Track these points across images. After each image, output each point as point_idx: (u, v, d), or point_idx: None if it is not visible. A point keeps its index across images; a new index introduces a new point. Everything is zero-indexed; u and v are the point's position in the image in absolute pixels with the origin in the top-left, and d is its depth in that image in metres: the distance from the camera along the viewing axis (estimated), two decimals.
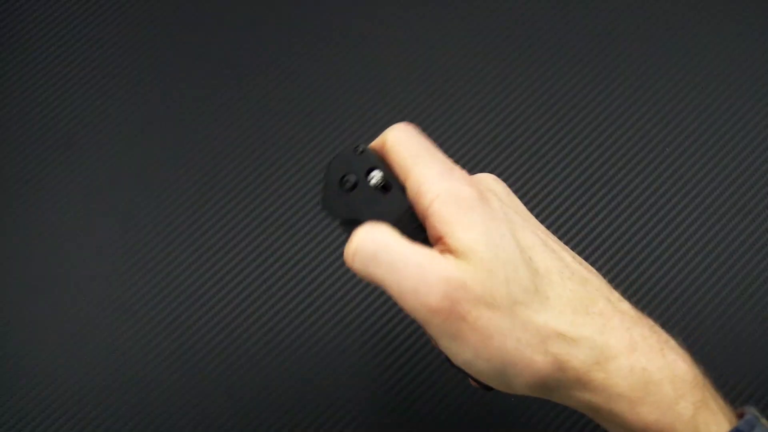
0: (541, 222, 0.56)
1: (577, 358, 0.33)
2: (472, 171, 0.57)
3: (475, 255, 0.32)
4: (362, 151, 0.37)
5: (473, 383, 0.39)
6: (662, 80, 0.60)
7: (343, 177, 0.37)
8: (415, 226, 0.35)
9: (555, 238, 0.37)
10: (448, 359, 0.37)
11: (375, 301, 0.54)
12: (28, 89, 0.60)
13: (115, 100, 0.59)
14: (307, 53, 0.61)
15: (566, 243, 0.55)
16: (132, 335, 0.53)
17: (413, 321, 0.53)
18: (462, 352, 0.33)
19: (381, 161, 0.37)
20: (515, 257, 0.33)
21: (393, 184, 0.36)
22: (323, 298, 0.54)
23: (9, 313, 0.54)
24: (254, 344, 0.53)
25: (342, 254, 0.55)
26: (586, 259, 0.55)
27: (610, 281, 0.55)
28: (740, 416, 0.36)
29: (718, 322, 0.53)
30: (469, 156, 0.58)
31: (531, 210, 0.56)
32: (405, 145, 0.36)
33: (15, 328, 0.53)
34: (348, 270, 0.55)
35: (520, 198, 0.57)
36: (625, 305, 0.36)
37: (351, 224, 0.37)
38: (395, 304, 0.54)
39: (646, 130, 0.58)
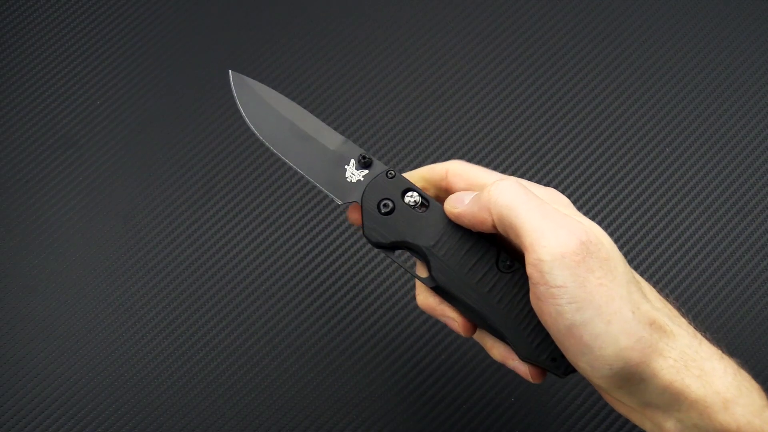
0: None
1: (676, 350, 0.35)
2: None
3: (604, 232, 0.36)
4: (393, 176, 0.40)
5: (521, 372, 0.39)
6: (662, 80, 0.60)
7: (380, 203, 0.39)
8: (461, 234, 0.38)
9: None
10: (518, 352, 0.37)
11: (375, 301, 0.54)
12: (28, 89, 0.60)
13: (115, 100, 0.59)
14: (308, 53, 0.61)
15: None
16: (132, 335, 0.53)
17: (413, 321, 0.53)
18: (585, 307, 0.34)
19: (410, 182, 0.40)
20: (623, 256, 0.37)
21: (430, 201, 0.39)
22: (323, 298, 0.54)
23: (9, 313, 0.54)
24: (254, 344, 0.53)
25: (341, 254, 0.55)
26: None
27: None
28: None
29: (718, 322, 0.53)
30: (469, 156, 0.58)
31: None
32: (481, 169, 0.40)
33: (15, 328, 0.53)
34: (348, 270, 0.55)
35: None
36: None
37: (396, 247, 0.39)
38: (396, 304, 0.54)
39: (646, 130, 0.58)
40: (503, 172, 0.57)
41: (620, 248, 0.55)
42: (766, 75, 0.60)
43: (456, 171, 0.40)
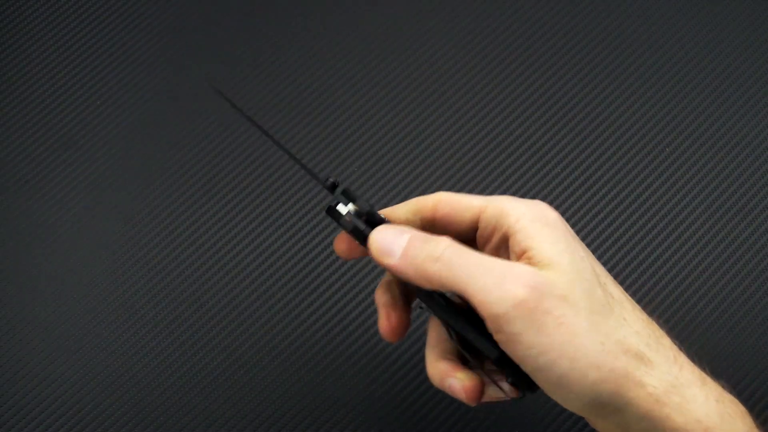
0: None
1: (654, 377, 0.34)
2: (472, 171, 0.57)
3: (560, 266, 0.34)
4: (335, 185, 0.38)
5: (508, 393, 0.39)
6: (662, 80, 0.60)
7: (356, 232, 0.38)
8: None
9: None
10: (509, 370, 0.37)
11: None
12: (28, 89, 0.60)
13: (115, 100, 0.59)
14: (307, 54, 0.61)
15: None
16: (132, 335, 0.53)
17: (414, 322, 0.53)
18: (546, 351, 0.33)
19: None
20: (593, 278, 0.35)
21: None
22: (323, 298, 0.54)
23: (9, 313, 0.54)
24: (254, 344, 0.53)
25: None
26: None
27: None
28: None
29: (718, 322, 0.53)
30: (469, 156, 0.58)
31: None
32: (470, 196, 0.39)
33: (15, 328, 0.53)
34: (347, 270, 0.55)
35: (521, 197, 0.57)
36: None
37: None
38: None
39: (646, 130, 0.58)
40: (503, 172, 0.57)
41: (620, 248, 0.55)
42: (766, 75, 0.60)
43: (446, 200, 0.39)
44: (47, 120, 0.59)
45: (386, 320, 0.40)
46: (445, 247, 0.35)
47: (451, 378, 0.38)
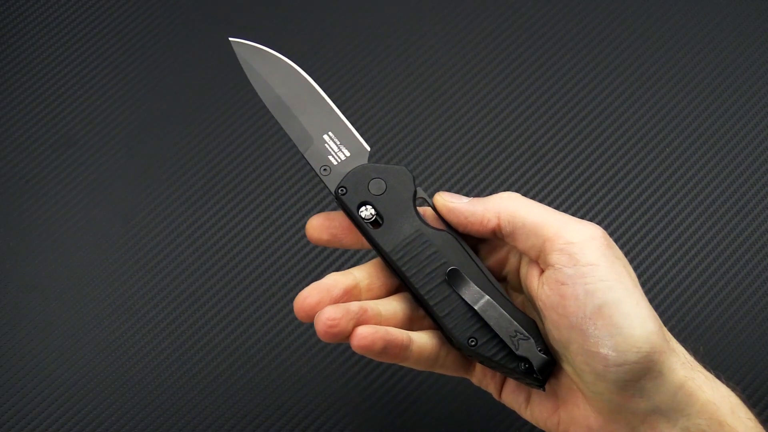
0: None
1: (677, 362, 0.34)
2: (472, 171, 0.57)
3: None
4: (345, 193, 0.40)
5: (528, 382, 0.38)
6: (662, 80, 0.60)
7: (360, 206, 0.39)
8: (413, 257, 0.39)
9: None
10: (451, 338, 0.38)
11: None
12: (28, 89, 0.60)
13: (115, 99, 0.59)
14: (307, 53, 0.61)
15: None
16: (132, 335, 0.53)
17: None
18: (615, 287, 0.34)
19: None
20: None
21: (384, 219, 0.39)
22: None
23: (9, 313, 0.54)
24: (254, 344, 0.53)
25: (342, 254, 0.55)
26: None
27: None
28: None
29: (718, 322, 0.53)
30: (469, 156, 0.58)
31: None
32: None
33: (15, 328, 0.53)
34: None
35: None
36: None
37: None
38: None
39: (646, 130, 0.58)
40: (503, 172, 0.57)
41: (620, 248, 0.55)
42: (766, 75, 0.60)
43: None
44: (47, 119, 0.59)
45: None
46: (512, 195, 0.38)
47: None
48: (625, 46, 0.61)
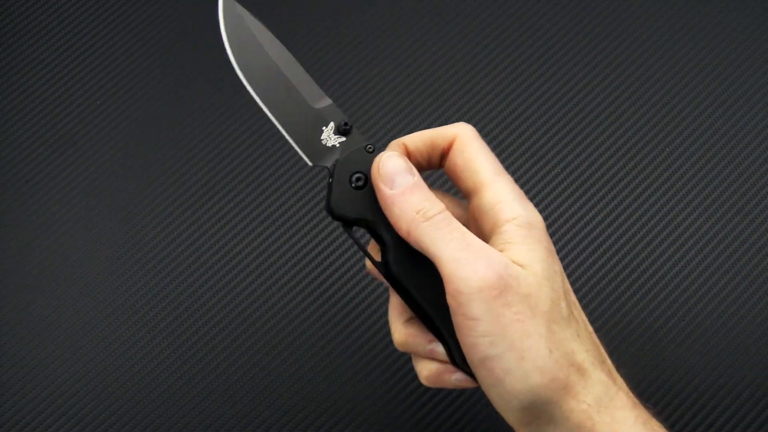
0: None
1: (591, 395, 0.35)
2: None
3: (531, 269, 0.35)
4: (372, 151, 0.38)
5: (461, 382, 0.39)
6: (662, 81, 0.60)
7: (353, 175, 0.37)
8: None
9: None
10: (454, 357, 0.37)
11: (375, 300, 0.54)
12: (29, 89, 0.60)
13: (115, 99, 0.59)
14: (307, 53, 0.61)
15: (566, 244, 0.56)
16: (132, 335, 0.53)
17: None
18: (497, 342, 0.34)
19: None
20: (560, 291, 0.35)
21: None
22: (323, 297, 0.54)
23: (9, 313, 0.54)
24: (254, 344, 0.53)
25: (341, 254, 0.55)
26: (586, 259, 0.55)
27: (610, 281, 0.56)
28: None
29: (718, 322, 0.53)
30: None
31: None
32: (484, 155, 0.38)
33: (15, 328, 0.54)
34: (347, 270, 0.55)
35: None
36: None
37: (355, 224, 0.37)
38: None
39: (646, 130, 0.58)
40: None
41: (620, 248, 0.55)
42: (766, 75, 0.60)
43: (462, 144, 0.38)
44: (47, 119, 0.59)
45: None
46: (440, 210, 0.35)
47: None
48: (625, 46, 0.61)
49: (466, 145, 0.38)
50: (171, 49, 0.61)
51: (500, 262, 0.34)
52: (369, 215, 0.37)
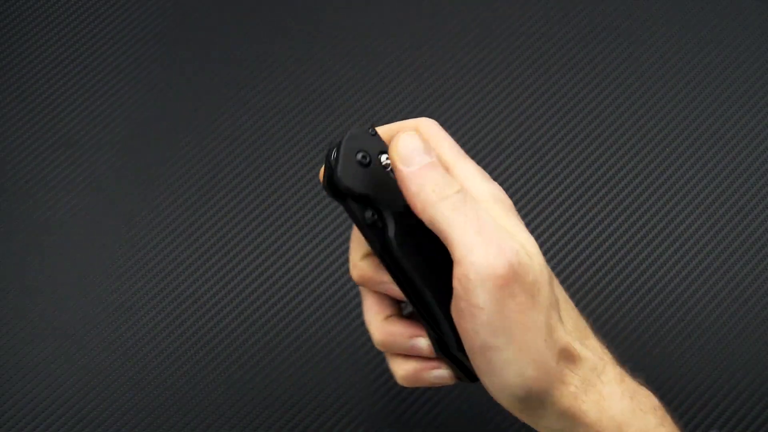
0: (541, 222, 0.56)
1: (578, 376, 0.35)
2: None
3: (533, 254, 0.35)
4: (375, 134, 0.38)
5: (452, 377, 0.39)
6: (662, 80, 0.60)
7: (358, 152, 0.37)
8: None
9: None
10: (446, 343, 0.38)
11: None
12: (29, 89, 0.60)
13: (115, 99, 0.59)
14: (307, 53, 0.61)
15: (566, 243, 0.56)
16: (132, 335, 0.53)
17: None
18: (499, 334, 0.34)
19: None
20: (550, 271, 0.37)
21: None
22: (323, 297, 0.54)
23: (9, 314, 0.54)
24: (254, 344, 0.53)
25: (341, 254, 0.55)
26: (586, 259, 0.55)
27: (610, 282, 0.56)
28: None
29: (718, 322, 0.53)
30: (469, 155, 0.57)
31: (531, 210, 0.56)
32: (446, 141, 0.39)
33: (15, 329, 0.54)
34: (347, 270, 0.55)
35: (521, 198, 0.57)
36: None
37: (357, 200, 0.37)
38: None
39: (646, 130, 0.58)
40: (503, 172, 0.57)
41: (620, 248, 0.55)
42: (766, 75, 0.60)
43: (425, 133, 0.38)
44: (47, 120, 0.59)
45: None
46: (456, 190, 0.35)
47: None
48: (625, 46, 0.61)
49: (429, 134, 0.38)
50: (171, 49, 0.61)
51: (512, 250, 0.34)
52: (372, 192, 0.36)
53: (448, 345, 0.38)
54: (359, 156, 0.37)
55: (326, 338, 0.53)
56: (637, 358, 0.52)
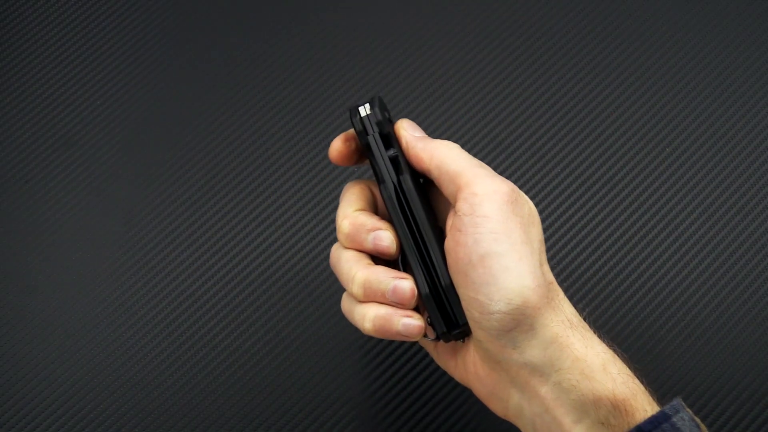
0: (542, 221, 0.56)
1: (563, 313, 0.37)
2: None
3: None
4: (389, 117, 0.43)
5: (420, 329, 0.40)
6: (662, 80, 0.60)
7: (384, 110, 0.43)
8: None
9: None
10: (438, 276, 0.40)
11: None
12: (28, 89, 0.60)
13: (115, 99, 0.59)
14: (307, 53, 0.61)
15: (566, 243, 0.56)
16: (132, 335, 0.53)
17: None
18: (502, 240, 0.37)
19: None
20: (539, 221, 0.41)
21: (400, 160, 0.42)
22: (323, 297, 0.54)
23: (9, 313, 0.54)
24: (254, 344, 0.53)
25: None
26: (586, 259, 0.55)
27: (610, 281, 0.56)
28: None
29: (718, 322, 0.53)
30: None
31: None
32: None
33: (15, 328, 0.54)
34: None
35: None
36: None
37: (383, 138, 0.41)
38: None
39: (646, 130, 0.58)
40: (503, 172, 0.57)
41: (620, 248, 0.55)
42: (766, 75, 0.60)
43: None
44: (47, 119, 0.59)
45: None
46: (457, 146, 0.41)
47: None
48: (626, 46, 0.61)
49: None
50: (171, 49, 0.61)
51: (511, 184, 0.38)
52: (394, 140, 0.42)
53: (439, 276, 0.39)
54: (386, 113, 0.42)
55: (326, 338, 0.53)
56: (637, 358, 0.52)
